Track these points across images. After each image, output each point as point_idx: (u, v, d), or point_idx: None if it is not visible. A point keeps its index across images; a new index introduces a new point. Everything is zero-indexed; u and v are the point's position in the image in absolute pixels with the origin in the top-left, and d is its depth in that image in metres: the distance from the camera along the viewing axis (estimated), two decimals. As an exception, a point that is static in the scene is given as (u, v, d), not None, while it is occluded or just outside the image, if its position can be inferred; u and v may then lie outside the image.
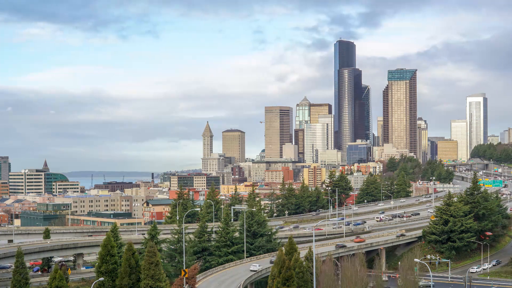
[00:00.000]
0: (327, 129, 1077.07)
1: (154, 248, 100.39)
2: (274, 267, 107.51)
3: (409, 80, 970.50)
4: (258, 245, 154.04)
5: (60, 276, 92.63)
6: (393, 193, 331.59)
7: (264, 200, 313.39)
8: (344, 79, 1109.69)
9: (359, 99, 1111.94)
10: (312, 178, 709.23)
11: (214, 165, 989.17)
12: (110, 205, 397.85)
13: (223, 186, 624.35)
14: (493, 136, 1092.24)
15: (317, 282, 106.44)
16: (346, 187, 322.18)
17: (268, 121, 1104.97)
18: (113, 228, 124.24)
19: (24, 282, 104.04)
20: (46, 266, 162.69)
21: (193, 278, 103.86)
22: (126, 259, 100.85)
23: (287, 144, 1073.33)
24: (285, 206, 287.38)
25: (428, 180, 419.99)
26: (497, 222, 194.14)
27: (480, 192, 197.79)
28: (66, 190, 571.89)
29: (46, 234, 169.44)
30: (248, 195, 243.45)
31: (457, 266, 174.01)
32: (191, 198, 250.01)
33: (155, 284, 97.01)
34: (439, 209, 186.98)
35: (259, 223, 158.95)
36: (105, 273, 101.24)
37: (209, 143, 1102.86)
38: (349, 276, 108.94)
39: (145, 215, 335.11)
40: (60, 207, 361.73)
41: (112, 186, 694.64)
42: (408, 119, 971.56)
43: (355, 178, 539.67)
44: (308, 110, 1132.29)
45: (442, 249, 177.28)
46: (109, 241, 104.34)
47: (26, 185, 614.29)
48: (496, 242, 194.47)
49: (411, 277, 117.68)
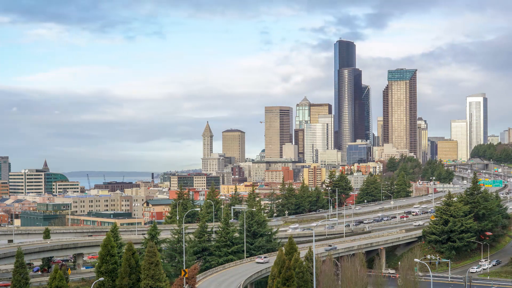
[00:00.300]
0: (327, 129, 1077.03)
1: (154, 248, 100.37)
2: (274, 267, 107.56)
3: (409, 80, 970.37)
4: (258, 245, 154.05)
5: (60, 276, 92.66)
6: (393, 193, 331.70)
7: (264, 200, 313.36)
8: (344, 79, 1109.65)
9: (359, 99, 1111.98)
10: (312, 178, 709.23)
11: (214, 165, 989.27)
12: (110, 205, 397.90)
13: (223, 186, 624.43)
14: (493, 136, 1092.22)
15: (317, 282, 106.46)
16: (346, 187, 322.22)
17: (268, 121, 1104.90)
18: (113, 228, 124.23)
19: (24, 282, 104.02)
20: (46, 266, 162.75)
21: (193, 278, 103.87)
22: (126, 259, 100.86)
23: (287, 144, 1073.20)
24: (285, 206, 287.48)
25: (428, 180, 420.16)
26: (497, 222, 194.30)
27: (480, 192, 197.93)
28: (66, 190, 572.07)
29: (46, 234, 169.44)
30: (248, 195, 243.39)
31: (457, 266, 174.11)
32: (191, 198, 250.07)
33: (155, 284, 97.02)
34: (439, 209, 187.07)
35: (259, 223, 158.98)
36: (105, 273, 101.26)
37: (209, 143, 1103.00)
38: (349, 276, 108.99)
39: (145, 215, 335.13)
40: (60, 207, 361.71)
41: (112, 186, 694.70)
42: (408, 119, 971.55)
43: (355, 178, 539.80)
44: (308, 110, 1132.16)
45: (442, 249, 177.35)
46: (109, 241, 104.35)
47: (26, 185, 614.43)
48: (496, 242, 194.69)
49: (411, 277, 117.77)
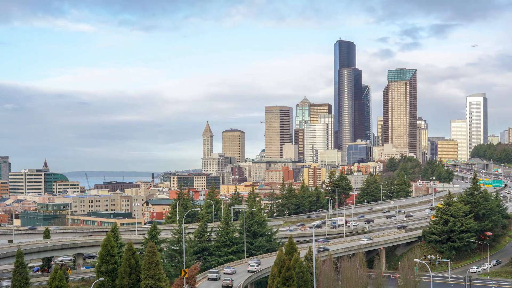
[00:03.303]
0: (327, 129, 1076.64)
1: (154, 248, 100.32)
2: (274, 267, 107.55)
3: (409, 80, 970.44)
4: (258, 245, 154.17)
5: (60, 276, 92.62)
6: (393, 193, 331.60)
7: (264, 200, 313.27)
8: (344, 79, 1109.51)
9: (359, 99, 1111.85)
10: (312, 178, 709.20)
11: (214, 165, 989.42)
12: (110, 205, 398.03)
13: (223, 186, 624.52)
14: (493, 136, 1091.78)
15: (317, 282, 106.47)
16: (346, 187, 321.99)
17: (268, 121, 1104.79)
18: (113, 228, 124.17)
19: (24, 282, 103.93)
20: (46, 266, 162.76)
21: (193, 278, 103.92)
22: (126, 259, 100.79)
23: (287, 144, 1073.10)
24: (285, 206, 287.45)
25: (428, 180, 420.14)
26: (497, 222, 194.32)
27: (480, 192, 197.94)
28: (66, 190, 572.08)
29: (46, 234, 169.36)
30: (248, 195, 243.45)
31: (457, 266, 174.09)
32: (191, 198, 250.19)
33: (155, 284, 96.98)
34: (439, 209, 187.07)
35: (259, 223, 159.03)
36: (105, 273, 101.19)
37: (209, 143, 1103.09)
38: (349, 276, 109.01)
39: (145, 215, 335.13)
40: (60, 207, 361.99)
41: (112, 186, 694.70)
42: (408, 119, 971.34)
43: (355, 178, 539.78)
44: (308, 110, 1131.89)
45: (442, 249, 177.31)
46: (109, 241, 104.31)
47: (26, 185, 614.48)
48: (496, 242, 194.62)
49: (411, 277, 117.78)
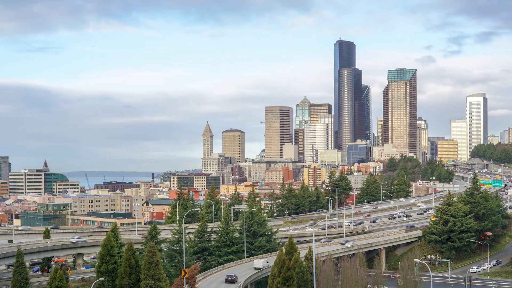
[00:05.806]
0: (327, 129, 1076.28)
1: (154, 248, 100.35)
2: (274, 267, 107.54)
3: (409, 80, 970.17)
4: (258, 245, 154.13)
5: (60, 276, 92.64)
6: (393, 193, 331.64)
7: (264, 200, 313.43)
8: (344, 79, 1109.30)
9: (359, 99, 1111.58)
10: (312, 178, 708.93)
11: (214, 165, 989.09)
12: (110, 205, 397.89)
13: (223, 186, 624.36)
14: (493, 136, 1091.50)
15: (317, 282, 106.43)
16: (346, 187, 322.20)
17: (268, 121, 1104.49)
18: (113, 228, 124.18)
19: (24, 282, 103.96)
20: (46, 266, 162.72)
21: (193, 278, 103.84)
22: (126, 259, 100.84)
23: (287, 144, 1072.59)
24: (285, 206, 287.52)
25: (428, 180, 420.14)
26: (497, 222, 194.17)
27: (480, 192, 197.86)
28: (66, 190, 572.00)
29: (46, 234, 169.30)
30: (248, 195, 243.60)
31: (457, 266, 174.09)
32: (191, 198, 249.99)
33: (155, 284, 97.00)
34: (439, 209, 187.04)
35: (259, 223, 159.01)
36: (105, 273, 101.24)
37: (209, 143, 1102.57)
38: (349, 276, 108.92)
39: (145, 215, 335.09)
40: (60, 207, 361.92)
41: (112, 186, 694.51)
42: (408, 119, 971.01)
43: (355, 178, 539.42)
44: (308, 110, 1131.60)
45: (442, 249, 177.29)
46: (109, 241, 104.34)
47: (26, 185, 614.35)
48: (496, 242, 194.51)
49: (411, 277, 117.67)
